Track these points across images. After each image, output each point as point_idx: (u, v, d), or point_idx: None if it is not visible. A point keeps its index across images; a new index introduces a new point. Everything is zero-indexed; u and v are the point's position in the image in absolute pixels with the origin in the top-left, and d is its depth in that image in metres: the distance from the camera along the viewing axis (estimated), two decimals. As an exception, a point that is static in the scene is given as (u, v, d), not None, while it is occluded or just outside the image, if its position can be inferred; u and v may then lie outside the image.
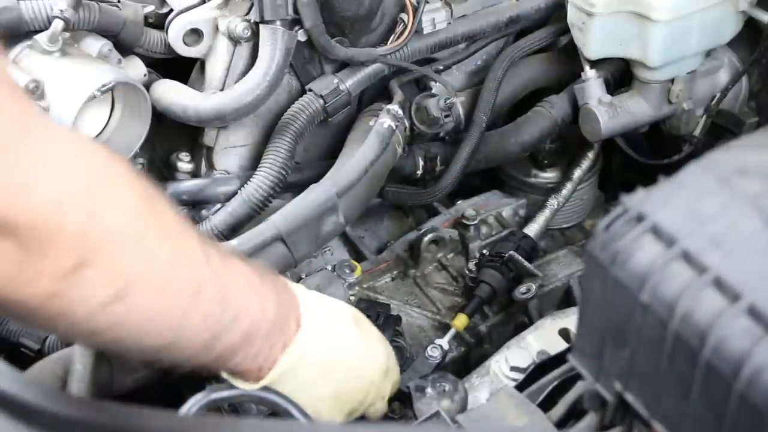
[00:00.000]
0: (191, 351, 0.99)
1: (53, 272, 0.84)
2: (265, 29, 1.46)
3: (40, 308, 0.86)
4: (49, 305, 0.86)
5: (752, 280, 0.71)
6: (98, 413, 0.85)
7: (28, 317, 0.89)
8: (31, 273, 0.83)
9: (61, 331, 0.92)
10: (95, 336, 0.93)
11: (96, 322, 0.90)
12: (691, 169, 0.80)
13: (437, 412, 1.05)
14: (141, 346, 0.95)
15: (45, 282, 0.84)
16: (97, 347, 0.98)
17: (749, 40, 1.64)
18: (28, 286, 0.84)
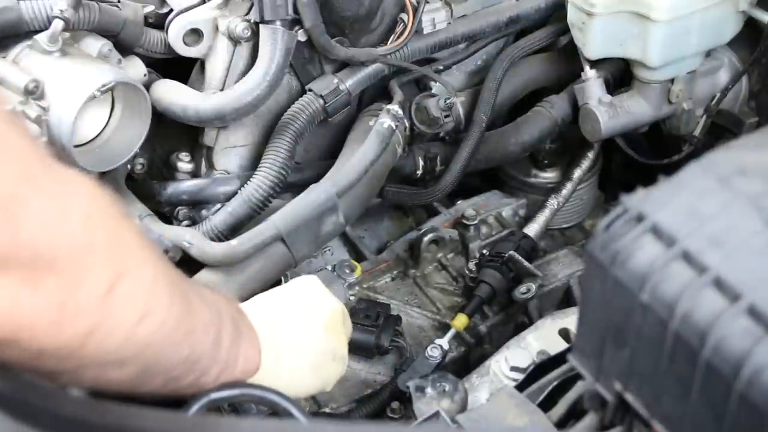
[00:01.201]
0: (201, 364, 1.01)
1: (91, 300, 0.85)
2: (265, 29, 1.46)
3: (77, 351, 0.87)
4: (86, 343, 0.87)
5: (752, 280, 0.71)
6: (98, 413, 0.85)
7: (58, 367, 0.89)
8: (71, 311, 0.84)
9: (89, 376, 0.92)
10: (123, 368, 0.93)
11: (125, 350, 0.91)
12: (691, 169, 0.80)
13: (437, 412, 1.05)
14: (164, 366, 0.97)
15: (83, 319, 0.86)
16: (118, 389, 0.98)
17: (749, 40, 1.64)
18: (69, 326, 0.85)
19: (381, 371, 1.40)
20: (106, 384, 0.95)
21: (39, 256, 0.82)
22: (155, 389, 0.99)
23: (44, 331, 0.84)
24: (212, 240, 1.39)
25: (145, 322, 0.91)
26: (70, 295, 0.84)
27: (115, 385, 0.96)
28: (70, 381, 0.93)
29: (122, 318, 0.89)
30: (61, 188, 0.84)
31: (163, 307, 0.93)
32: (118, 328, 0.89)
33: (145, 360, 0.95)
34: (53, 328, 0.85)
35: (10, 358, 0.86)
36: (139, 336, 0.92)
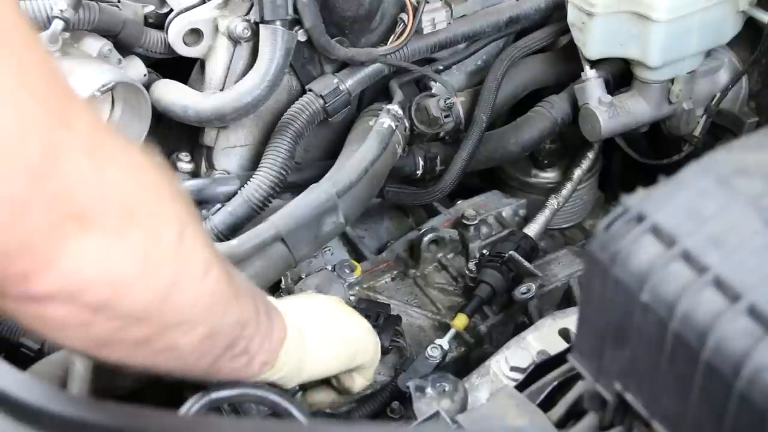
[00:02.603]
0: (248, 330, 1.02)
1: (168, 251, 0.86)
2: (265, 29, 1.46)
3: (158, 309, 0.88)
4: (166, 299, 0.87)
5: (752, 280, 0.71)
6: (98, 413, 0.85)
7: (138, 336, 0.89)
8: (154, 263, 0.85)
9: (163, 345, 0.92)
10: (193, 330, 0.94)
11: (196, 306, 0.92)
12: (691, 169, 0.80)
13: (437, 412, 1.05)
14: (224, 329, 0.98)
15: (164, 271, 0.86)
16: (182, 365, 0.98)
17: (749, 40, 1.64)
18: (153, 280, 0.86)
19: (381, 371, 1.40)
20: (174, 359, 0.95)
21: (124, 208, 0.81)
22: (212, 362, 0.99)
23: (132, 288, 0.84)
24: (212, 240, 1.39)
25: (208, 276, 0.92)
26: (151, 246, 0.84)
27: (183, 357, 0.95)
28: (144, 357, 0.92)
29: (192, 270, 0.90)
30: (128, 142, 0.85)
31: (217, 261, 0.94)
32: (190, 282, 0.90)
33: (211, 320, 0.95)
34: (140, 284, 0.84)
35: (98, 333, 0.85)
36: (206, 290, 0.92)
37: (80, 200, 0.79)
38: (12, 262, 0.77)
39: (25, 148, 0.74)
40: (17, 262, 0.77)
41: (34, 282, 0.78)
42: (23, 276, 0.77)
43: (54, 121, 0.77)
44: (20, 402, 0.85)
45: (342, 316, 1.23)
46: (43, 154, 0.75)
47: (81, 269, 0.80)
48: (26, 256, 0.77)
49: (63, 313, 0.81)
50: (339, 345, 1.19)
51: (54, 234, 0.78)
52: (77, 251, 0.79)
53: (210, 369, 1.01)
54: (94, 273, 0.81)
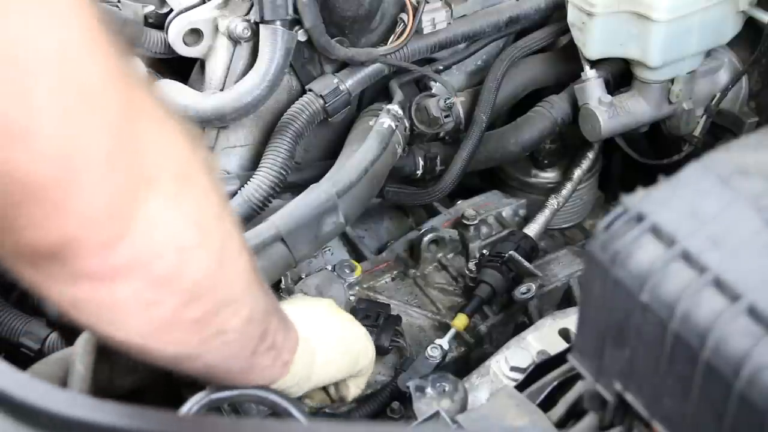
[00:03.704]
0: (274, 319, 1.02)
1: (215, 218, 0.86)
2: (265, 29, 1.46)
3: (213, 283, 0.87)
4: (217, 274, 0.87)
5: (752, 280, 0.71)
6: (98, 413, 0.85)
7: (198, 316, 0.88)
8: (207, 229, 0.85)
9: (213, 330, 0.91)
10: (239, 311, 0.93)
11: (240, 283, 0.92)
12: (691, 169, 0.80)
13: (437, 412, 1.05)
14: (260, 313, 0.97)
15: (215, 238, 0.86)
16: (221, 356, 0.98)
17: (749, 40, 1.64)
18: (208, 247, 0.85)
19: (381, 371, 1.40)
20: (222, 346, 0.93)
21: (181, 172, 0.81)
22: (249, 354, 0.99)
23: (193, 255, 0.83)
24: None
25: (243, 253, 0.91)
26: (204, 211, 0.83)
27: (229, 344, 0.94)
28: (196, 344, 0.91)
29: (234, 244, 0.89)
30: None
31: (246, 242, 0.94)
32: (233, 256, 0.89)
33: (250, 302, 0.94)
34: (199, 252, 0.84)
35: (159, 314, 0.84)
36: (244, 268, 0.92)
37: (149, 162, 0.77)
38: (96, 227, 0.74)
39: (108, 103, 0.73)
40: (101, 228, 0.75)
41: (112, 251, 0.76)
42: (102, 245, 0.75)
43: (129, 82, 0.76)
44: (20, 402, 0.85)
45: (342, 322, 1.23)
46: (122, 111, 0.74)
47: (152, 236, 0.78)
48: (109, 221, 0.75)
49: (131, 290, 0.80)
50: (342, 352, 1.19)
51: (131, 197, 0.76)
52: (147, 216, 0.77)
53: (247, 365, 1.00)
54: (161, 239, 0.79)
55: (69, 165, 0.71)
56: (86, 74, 0.72)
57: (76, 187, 0.72)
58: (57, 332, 1.38)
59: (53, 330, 1.38)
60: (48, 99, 0.70)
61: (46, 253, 0.75)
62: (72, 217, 0.73)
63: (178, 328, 0.88)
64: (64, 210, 0.72)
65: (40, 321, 1.40)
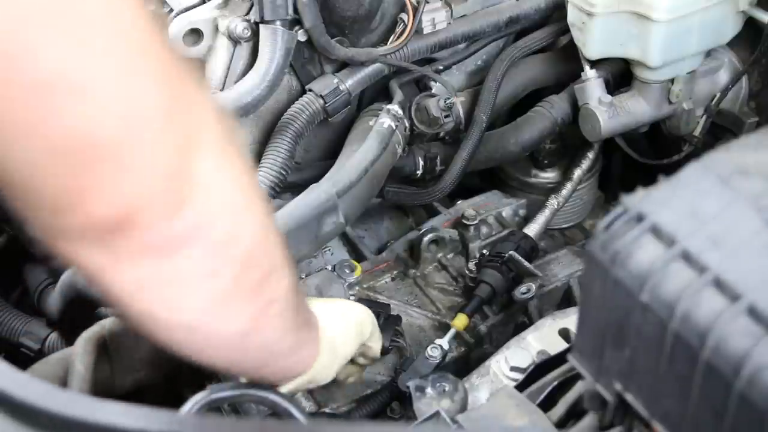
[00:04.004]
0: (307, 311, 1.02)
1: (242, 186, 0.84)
2: (265, 29, 1.47)
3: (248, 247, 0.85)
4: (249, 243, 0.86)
5: (752, 280, 0.71)
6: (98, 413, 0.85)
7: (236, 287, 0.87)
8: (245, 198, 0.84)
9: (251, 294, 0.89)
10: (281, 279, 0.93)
11: (271, 252, 0.91)
12: (691, 169, 0.80)
13: (437, 412, 1.05)
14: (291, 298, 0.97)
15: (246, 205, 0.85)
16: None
17: (749, 40, 1.64)
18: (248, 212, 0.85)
19: (381, 371, 1.40)
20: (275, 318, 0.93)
21: (223, 133, 0.80)
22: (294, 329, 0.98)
23: (245, 218, 0.83)
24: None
25: (272, 220, 0.91)
26: (245, 173, 0.83)
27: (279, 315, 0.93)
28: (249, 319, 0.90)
29: (266, 209, 0.89)
30: None
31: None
32: (270, 220, 0.89)
33: (288, 267, 0.93)
34: (248, 214, 0.83)
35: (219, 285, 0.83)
36: (277, 233, 0.91)
37: (197, 122, 0.76)
38: (161, 188, 0.73)
39: (159, 60, 0.72)
40: (165, 188, 0.73)
41: (176, 215, 0.74)
42: (168, 207, 0.74)
43: (166, 44, 0.75)
44: (20, 402, 0.85)
45: (335, 302, 1.23)
46: (171, 69, 0.74)
47: (209, 199, 0.77)
48: (172, 181, 0.73)
49: (194, 259, 0.79)
50: (347, 325, 1.18)
51: (187, 156, 0.74)
52: (201, 178, 0.76)
53: (294, 339, 1.00)
54: (219, 203, 0.79)
55: (130, 122, 0.70)
56: (137, 30, 0.71)
57: (139, 146, 0.71)
58: (57, 332, 1.38)
59: (53, 330, 1.38)
60: (105, 52, 0.69)
61: (110, 224, 0.73)
62: (135, 179, 0.72)
63: (236, 298, 0.87)
64: (127, 171, 0.71)
65: (40, 321, 1.41)
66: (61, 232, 0.74)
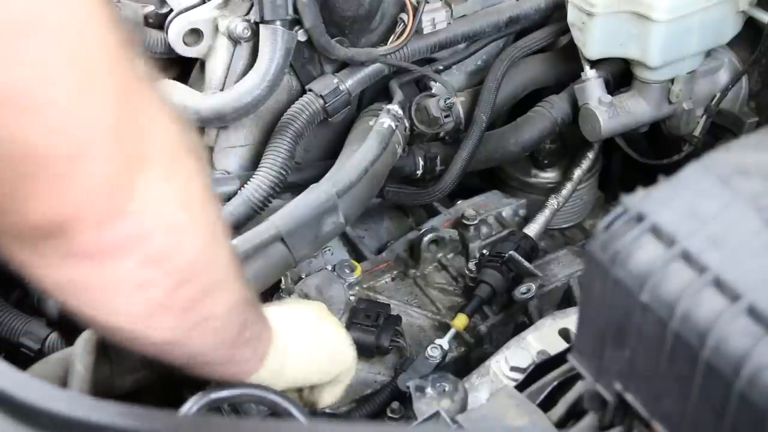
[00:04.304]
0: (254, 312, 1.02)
1: (200, 197, 0.86)
2: (265, 29, 1.46)
3: (204, 262, 0.88)
4: (208, 253, 0.88)
5: (752, 280, 0.71)
6: (98, 413, 0.85)
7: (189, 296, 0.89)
8: (196, 211, 0.85)
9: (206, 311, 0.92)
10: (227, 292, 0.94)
11: (228, 265, 0.93)
12: (691, 169, 0.80)
13: (437, 412, 1.05)
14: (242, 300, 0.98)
15: (204, 217, 0.87)
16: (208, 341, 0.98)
17: (749, 40, 1.64)
18: (199, 226, 0.86)
19: (381, 371, 1.40)
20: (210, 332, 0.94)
21: (171, 152, 0.81)
22: (231, 343, 0.99)
23: (184, 234, 0.83)
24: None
25: (227, 236, 0.92)
26: (192, 191, 0.84)
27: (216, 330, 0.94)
28: (185, 329, 0.91)
29: (218, 225, 0.90)
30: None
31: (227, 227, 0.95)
32: (220, 236, 0.90)
33: (233, 286, 0.95)
34: (190, 231, 0.84)
35: (152, 296, 0.84)
36: (228, 250, 0.92)
37: (145, 139, 0.78)
38: (97, 202, 0.74)
39: (113, 77, 0.73)
40: (101, 203, 0.75)
41: (109, 227, 0.76)
42: (101, 220, 0.75)
43: (128, 60, 0.76)
44: (20, 402, 0.85)
45: (323, 325, 1.20)
46: (124, 87, 0.75)
47: (145, 212, 0.78)
48: (109, 196, 0.75)
49: (126, 269, 0.80)
50: (318, 355, 1.17)
51: (129, 173, 0.76)
52: (142, 193, 0.77)
53: (228, 355, 1.01)
54: (155, 217, 0.80)
55: (79, 138, 0.71)
56: (94, 47, 0.72)
57: (83, 161, 0.72)
58: (57, 332, 1.38)
59: (53, 330, 1.38)
60: (62, 70, 0.70)
61: (44, 229, 0.75)
62: (75, 191, 0.73)
63: (168, 311, 0.88)
64: (69, 183, 0.73)
65: (40, 321, 1.40)
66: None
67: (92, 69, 0.72)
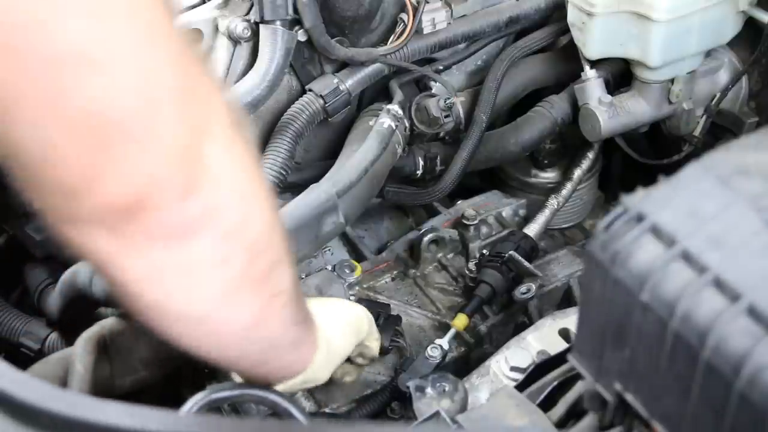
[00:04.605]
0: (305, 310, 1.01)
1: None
2: (265, 29, 1.47)
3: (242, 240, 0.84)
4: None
5: (752, 280, 0.71)
6: (98, 413, 0.85)
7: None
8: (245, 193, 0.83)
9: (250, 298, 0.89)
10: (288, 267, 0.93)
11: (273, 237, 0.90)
12: (691, 169, 0.80)
13: (437, 412, 1.05)
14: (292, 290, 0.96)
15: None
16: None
17: (749, 40, 1.64)
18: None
19: (381, 371, 1.40)
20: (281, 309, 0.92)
21: (233, 120, 0.79)
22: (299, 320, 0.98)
23: (253, 206, 0.82)
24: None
25: (275, 212, 0.90)
26: (251, 161, 0.82)
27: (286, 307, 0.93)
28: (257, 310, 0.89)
29: (270, 197, 0.88)
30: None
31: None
32: (274, 208, 0.88)
33: (290, 259, 0.92)
34: (256, 202, 0.82)
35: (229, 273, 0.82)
36: (280, 224, 0.90)
37: (209, 105, 0.76)
38: (176, 168, 0.72)
39: (174, 39, 0.72)
40: (181, 168, 0.72)
41: (189, 201, 0.74)
42: (184, 189, 0.73)
43: (178, 30, 0.75)
44: (20, 402, 0.85)
45: (331, 302, 1.23)
46: (183, 51, 0.73)
47: (220, 185, 0.77)
48: (187, 162, 0.73)
49: (206, 246, 0.78)
50: (344, 324, 1.18)
51: (199, 138, 0.74)
52: (212, 161, 0.75)
53: (297, 334, 0.99)
54: (229, 189, 0.78)
55: (147, 98, 0.70)
56: (154, 10, 0.71)
57: (155, 124, 0.70)
58: (57, 332, 1.38)
59: (53, 330, 1.38)
60: (123, 28, 0.68)
61: (126, 206, 0.72)
62: (153, 159, 0.71)
63: (245, 288, 0.86)
64: (145, 150, 0.70)
65: (40, 321, 1.41)
66: (74, 217, 0.73)
67: (154, 29, 0.70)
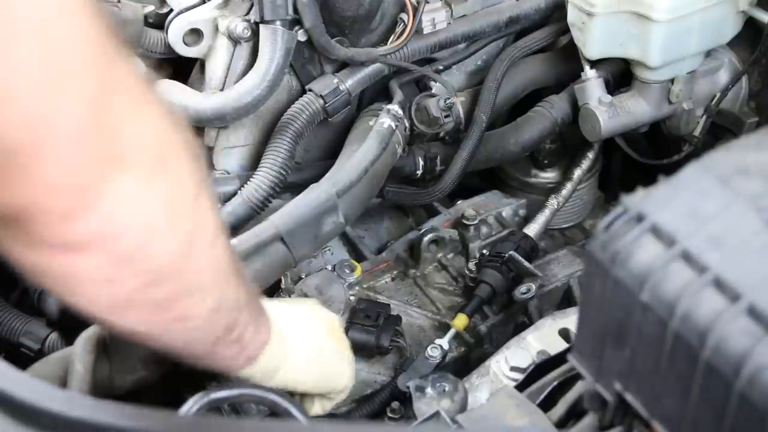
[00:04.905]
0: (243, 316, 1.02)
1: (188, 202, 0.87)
2: (265, 29, 1.46)
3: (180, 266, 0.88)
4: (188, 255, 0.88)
5: (752, 280, 0.71)
6: (98, 413, 0.85)
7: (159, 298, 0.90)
8: (178, 212, 0.85)
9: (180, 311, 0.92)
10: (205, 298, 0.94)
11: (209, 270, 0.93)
12: (691, 169, 0.80)
13: (437, 412, 1.05)
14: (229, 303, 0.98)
15: (186, 222, 0.86)
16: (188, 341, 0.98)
17: (749, 40, 1.64)
18: (178, 229, 0.86)
19: (381, 371, 1.40)
20: (184, 332, 0.94)
21: (156, 155, 0.81)
22: (212, 344, 0.99)
23: (159, 237, 0.83)
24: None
25: (218, 241, 0.92)
26: (176, 196, 0.84)
27: (192, 330, 0.95)
28: (157, 325, 0.92)
29: (207, 230, 0.90)
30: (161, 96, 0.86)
31: (224, 230, 0.94)
32: (205, 243, 0.90)
33: (218, 292, 0.95)
34: (166, 235, 0.84)
35: (120, 291, 0.84)
36: (216, 256, 0.92)
37: (122, 141, 0.78)
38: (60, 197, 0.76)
39: (86, 77, 0.74)
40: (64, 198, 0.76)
41: (74, 223, 0.77)
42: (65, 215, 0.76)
43: (111, 58, 0.76)
44: (20, 402, 0.85)
45: (331, 338, 1.20)
46: (99, 87, 0.75)
47: (116, 212, 0.79)
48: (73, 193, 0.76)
49: (91, 265, 0.81)
50: (317, 367, 1.17)
51: (99, 172, 0.77)
52: (114, 193, 0.78)
53: (208, 352, 1.01)
54: (127, 218, 0.80)
55: (40, 132, 0.72)
56: (67, 45, 0.73)
57: (44, 155, 0.73)
58: (57, 332, 1.38)
59: (53, 330, 1.38)
60: (29, 65, 0.71)
61: (10, 215, 0.76)
62: (36, 184, 0.74)
63: (137, 307, 0.88)
64: (30, 176, 0.74)
65: (40, 321, 1.41)
66: None
67: (63, 67, 0.72)
